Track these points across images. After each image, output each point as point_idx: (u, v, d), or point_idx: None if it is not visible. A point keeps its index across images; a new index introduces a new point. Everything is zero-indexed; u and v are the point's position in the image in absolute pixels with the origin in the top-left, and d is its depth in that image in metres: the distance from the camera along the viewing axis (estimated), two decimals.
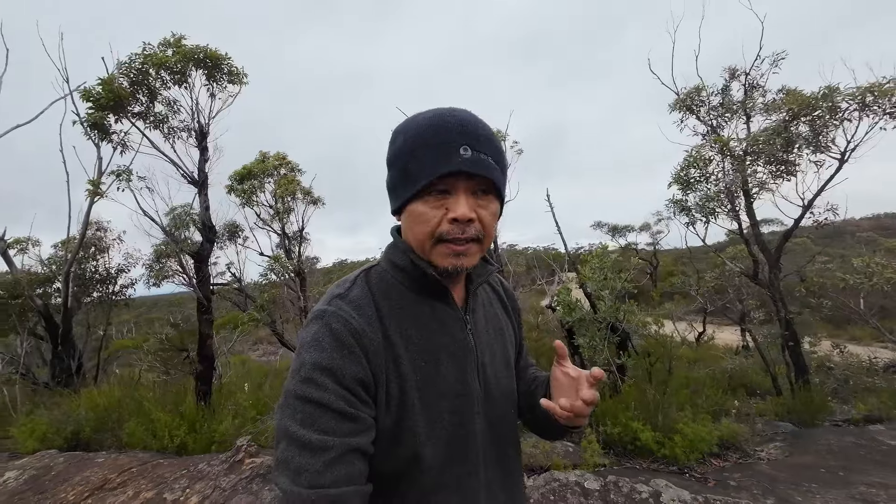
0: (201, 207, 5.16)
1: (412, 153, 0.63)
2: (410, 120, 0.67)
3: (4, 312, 7.85)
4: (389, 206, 0.71)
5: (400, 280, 0.70)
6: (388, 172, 0.69)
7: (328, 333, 0.61)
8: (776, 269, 4.53)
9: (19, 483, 3.48)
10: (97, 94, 4.51)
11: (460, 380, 0.69)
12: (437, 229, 0.63)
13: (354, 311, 0.64)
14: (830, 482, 2.71)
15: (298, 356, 0.62)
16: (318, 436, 0.56)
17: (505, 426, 0.77)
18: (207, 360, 5.19)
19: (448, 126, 0.62)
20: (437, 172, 0.60)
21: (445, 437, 0.66)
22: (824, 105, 3.51)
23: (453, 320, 0.71)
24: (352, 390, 0.59)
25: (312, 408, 0.57)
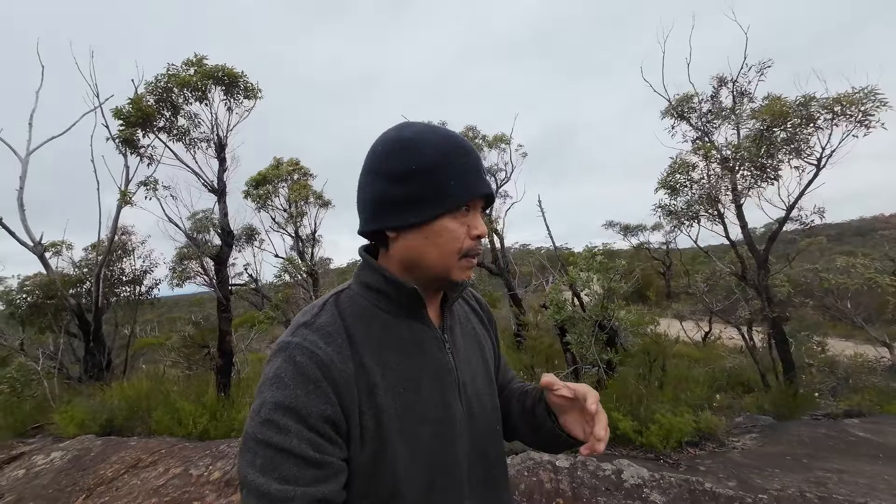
0: (220, 214, 5.58)
1: (447, 168, 0.63)
2: (428, 134, 0.65)
3: (41, 312, 8.46)
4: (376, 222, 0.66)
5: (374, 302, 0.67)
6: (408, 183, 0.63)
7: (291, 368, 0.57)
8: (764, 270, 4.70)
9: (64, 462, 3.92)
10: (127, 113, 4.96)
11: (441, 403, 0.66)
12: (464, 245, 0.64)
13: (322, 339, 0.60)
14: (792, 468, 2.92)
15: (259, 394, 0.57)
16: (279, 485, 0.52)
17: (489, 445, 0.74)
18: (226, 356, 5.60)
19: (470, 150, 0.66)
20: (476, 192, 0.64)
21: (428, 464, 0.63)
22: (802, 113, 3.68)
23: (431, 340, 0.69)
24: (318, 430, 0.55)
25: (273, 453, 0.53)
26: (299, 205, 10.03)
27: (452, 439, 0.67)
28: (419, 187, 0.63)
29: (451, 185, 0.62)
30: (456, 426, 0.67)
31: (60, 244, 9.73)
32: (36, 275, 9.01)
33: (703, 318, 10.66)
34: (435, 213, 0.63)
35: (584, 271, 4.10)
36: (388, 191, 0.64)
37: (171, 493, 2.98)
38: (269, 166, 10.49)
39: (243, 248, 10.00)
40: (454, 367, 0.70)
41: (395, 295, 0.66)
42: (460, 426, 0.68)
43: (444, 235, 0.63)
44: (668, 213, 4.53)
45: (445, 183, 0.62)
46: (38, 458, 4.08)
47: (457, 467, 0.67)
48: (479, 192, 0.64)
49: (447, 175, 0.62)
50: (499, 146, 10.03)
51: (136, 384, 5.88)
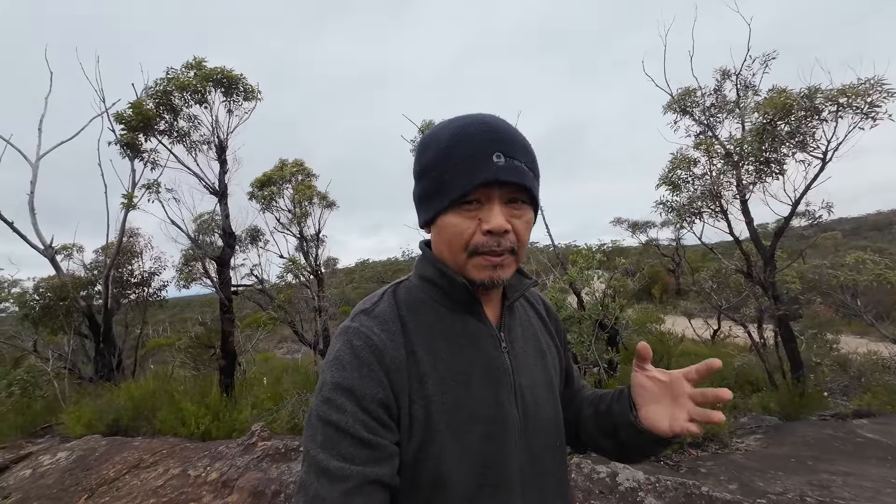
0: (222, 216, 5.62)
1: (444, 163, 0.60)
2: (440, 129, 0.64)
3: (53, 313, 8.61)
4: (418, 219, 0.68)
5: (429, 294, 0.67)
6: (417, 184, 0.66)
7: (348, 351, 0.59)
8: (770, 266, 4.59)
9: (69, 461, 3.98)
10: (128, 117, 5.02)
11: (494, 403, 0.63)
12: (472, 241, 0.60)
13: (378, 326, 0.62)
14: (796, 470, 2.85)
15: (322, 374, 0.60)
16: (337, 462, 0.53)
17: (548, 457, 0.70)
18: (230, 356, 5.65)
19: (480, 134, 0.60)
20: (472, 182, 0.58)
21: (477, 466, 0.61)
22: (806, 105, 3.57)
23: (486, 337, 0.66)
24: (372, 413, 0.56)
25: (332, 431, 0.55)
26: (303, 205, 10.09)
27: (505, 442, 0.63)
28: (427, 184, 0.63)
29: (447, 179, 0.60)
30: (509, 430, 0.64)
31: (71, 247, 9.90)
32: (51, 277, 9.19)
33: (713, 315, 10.49)
34: (437, 210, 0.62)
35: (585, 270, 4.05)
36: (414, 190, 0.67)
37: (168, 494, 3.01)
38: (274, 167, 10.57)
39: (248, 248, 10.09)
40: (510, 367, 0.67)
41: (448, 288, 0.65)
42: (514, 431, 0.64)
43: (447, 231, 0.62)
44: (669, 210, 4.45)
45: (442, 178, 0.61)
46: (44, 458, 4.16)
47: (509, 474, 0.63)
48: (477, 180, 0.58)
49: (445, 168, 0.60)
50: None
51: (143, 384, 5.96)
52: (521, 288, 0.71)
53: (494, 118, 0.63)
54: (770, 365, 4.71)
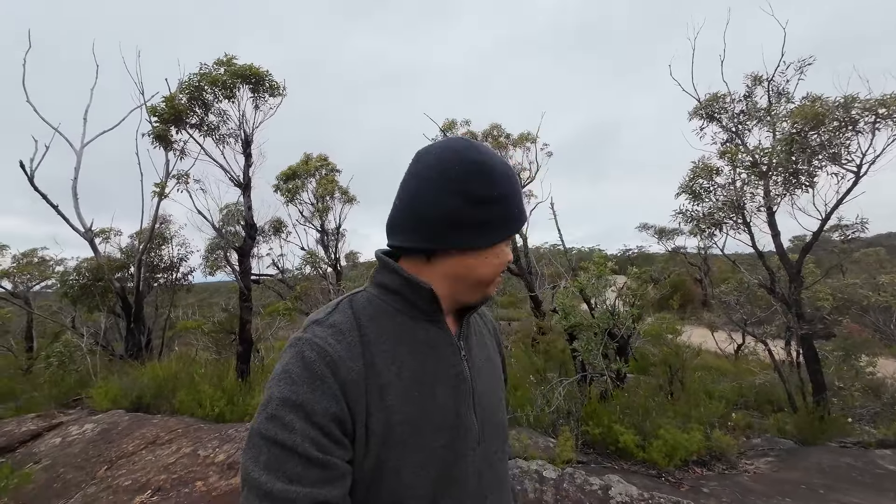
0: (245, 207, 5.82)
1: (515, 198, 0.65)
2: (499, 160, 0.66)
3: (90, 292, 9.15)
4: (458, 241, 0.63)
5: (390, 303, 0.66)
6: (487, 208, 0.63)
7: (299, 363, 0.56)
8: (796, 283, 4.38)
9: (94, 433, 4.25)
10: (161, 110, 5.26)
11: (455, 411, 0.64)
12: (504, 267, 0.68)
13: (333, 336, 0.59)
14: (805, 498, 2.72)
15: (267, 389, 0.57)
16: (282, 484, 0.51)
17: (499, 461, 0.72)
18: (247, 343, 5.86)
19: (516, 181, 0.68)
20: (524, 221, 0.68)
21: (436, 475, 0.61)
22: (840, 116, 3.38)
23: (447, 345, 0.67)
24: (323, 429, 0.54)
25: (277, 450, 0.52)
26: (325, 200, 10.32)
27: (464, 451, 0.64)
28: (495, 213, 0.63)
29: (516, 213, 0.65)
30: (468, 438, 0.65)
31: (109, 231, 10.48)
32: (89, 259, 9.76)
33: (737, 329, 10.09)
34: (499, 239, 0.65)
35: (597, 277, 3.98)
36: (464, 212, 0.62)
37: (178, 472, 3.17)
38: (299, 161, 10.86)
39: (271, 239, 10.41)
40: (468, 375, 0.68)
41: (411, 296, 0.65)
42: (474, 438, 0.66)
43: (500, 258, 0.66)
44: (689, 220, 4.30)
45: (512, 211, 0.65)
46: (72, 429, 4.44)
47: (466, 480, 0.64)
48: (525, 220, 0.68)
49: (514, 204, 0.65)
50: (524, 145, 9.88)
51: (166, 365, 6.26)
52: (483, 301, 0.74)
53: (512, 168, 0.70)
54: (791, 385, 4.51)
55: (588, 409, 3.56)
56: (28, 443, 4.34)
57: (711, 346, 11.36)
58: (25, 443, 4.33)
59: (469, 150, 0.64)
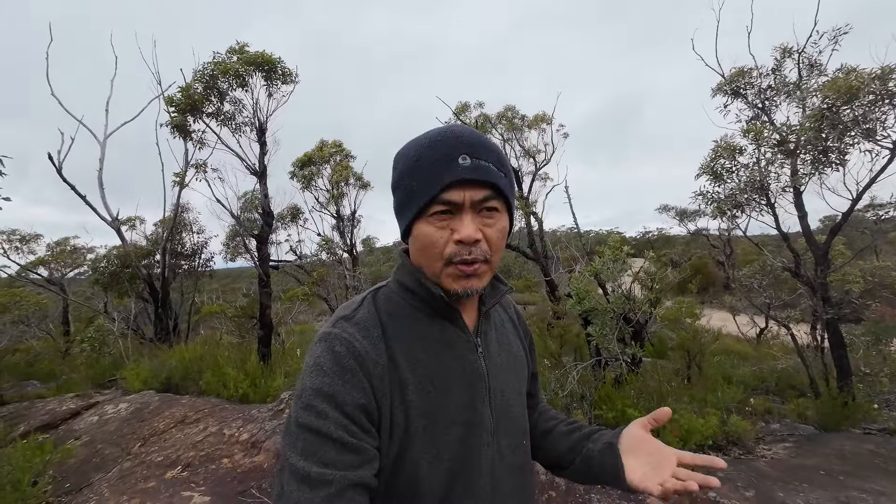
0: (261, 195, 5.92)
1: (412, 171, 0.61)
2: (412, 143, 0.65)
3: (119, 279, 9.55)
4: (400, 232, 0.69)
5: (408, 301, 0.68)
6: (394, 197, 0.67)
7: (330, 357, 0.59)
8: (822, 266, 4.22)
9: (128, 412, 4.50)
10: (178, 100, 5.34)
11: (470, 407, 0.65)
12: (445, 251, 0.61)
13: (359, 332, 0.62)
14: (823, 484, 2.69)
15: (300, 381, 0.60)
16: (318, 468, 0.53)
17: (517, 457, 0.73)
18: (267, 327, 6.04)
19: (446, 140, 0.61)
20: (438, 185, 0.58)
21: (451, 469, 0.63)
22: (877, 89, 3.16)
23: (463, 343, 0.68)
24: (353, 418, 0.57)
25: (313, 437, 0.55)
26: (340, 186, 10.39)
27: (479, 446, 0.66)
28: (400, 195, 0.64)
29: (414, 186, 0.61)
30: (483, 433, 0.66)
31: (134, 219, 10.83)
32: (117, 246, 10.15)
33: (760, 313, 9.84)
34: (409, 219, 0.63)
35: (612, 262, 3.91)
36: (393, 204, 0.67)
37: (206, 449, 3.34)
38: (314, 148, 10.91)
39: (289, 226, 10.58)
40: (485, 372, 0.69)
41: (427, 297, 0.66)
42: (488, 432, 0.67)
43: (420, 241, 0.63)
44: (710, 202, 4.16)
45: (411, 186, 0.61)
46: (108, 408, 4.71)
47: (480, 476, 0.65)
48: (438, 183, 0.58)
49: (413, 176, 0.61)
50: (539, 126, 9.66)
51: (192, 349, 6.52)
52: (496, 295, 0.73)
53: (462, 127, 0.63)
54: (813, 370, 4.39)
55: (601, 394, 3.56)
56: (69, 420, 4.63)
57: (733, 329, 11.13)
58: (66, 420, 4.62)
59: (405, 144, 0.66)
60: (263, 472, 2.92)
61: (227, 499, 2.62)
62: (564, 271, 6.36)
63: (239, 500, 2.58)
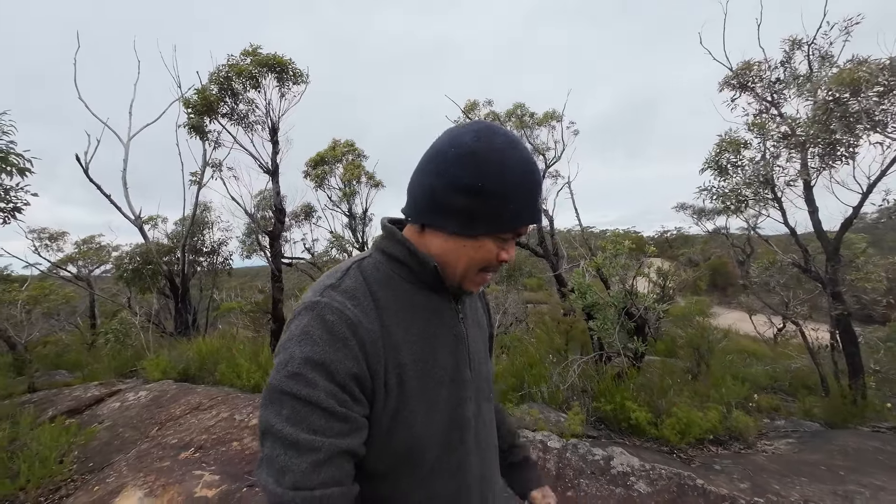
0: (273, 193, 6.11)
1: (513, 195, 0.63)
2: (500, 151, 0.63)
3: (141, 275, 9.93)
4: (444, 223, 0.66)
5: (396, 271, 0.70)
6: (470, 198, 0.63)
7: (320, 325, 0.59)
8: (834, 262, 4.13)
9: (147, 399, 4.72)
10: (195, 102, 5.56)
11: (455, 367, 0.71)
12: (489, 264, 0.68)
13: (349, 300, 0.63)
14: (822, 478, 2.67)
15: (285, 349, 0.60)
16: (306, 435, 0.55)
17: (487, 409, 0.81)
18: (279, 321, 6.23)
19: (532, 175, 0.65)
20: (525, 222, 0.65)
21: (443, 424, 0.68)
22: (886, 80, 3.09)
23: (448, 310, 0.73)
24: (344, 387, 0.58)
25: (300, 405, 0.56)
26: (352, 184, 10.57)
27: (464, 402, 0.72)
28: (478, 205, 0.63)
29: (509, 211, 0.63)
30: (467, 389, 0.73)
31: (156, 217, 11.24)
32: (140, 244, 10.57)
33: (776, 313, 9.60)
34: (484, 231, 0.65)
35: (613, 257, 3.92)
36: (447, 195, 0.64)
37: (217, 433, 3.50)
38: (327, 147, 11.13)
39: (303, 224, 10.82)
40: (465, 336, 0.75)
41: (417, 268, 0.69)
42: (469, 388, 0.74)
43: (480, 253, 0.66)
44: (714, 197, 4.12)
45: (504, 209, 0.63)
46: (129, 395, 4.95)
47: (468, 427, 0.72)
48: (530, 222, 0.66)
49: (508, 202, 0.63)
50: (549, 124, 9.64)
51: (209, 342, 6.77)
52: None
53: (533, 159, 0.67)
54: (824, 368, 4.31)
55: (602, 387, 3.58)
56: (93, 406, 4.89)
57: (750, 329, 10.88)
58: (91, 406, 4.88)
59: (476, 139, 0.63)
60: None
61: (234, 477, 2.76)
62: (568, 267, 6.37)
63: (245, 479, 2.72)
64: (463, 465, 0.71)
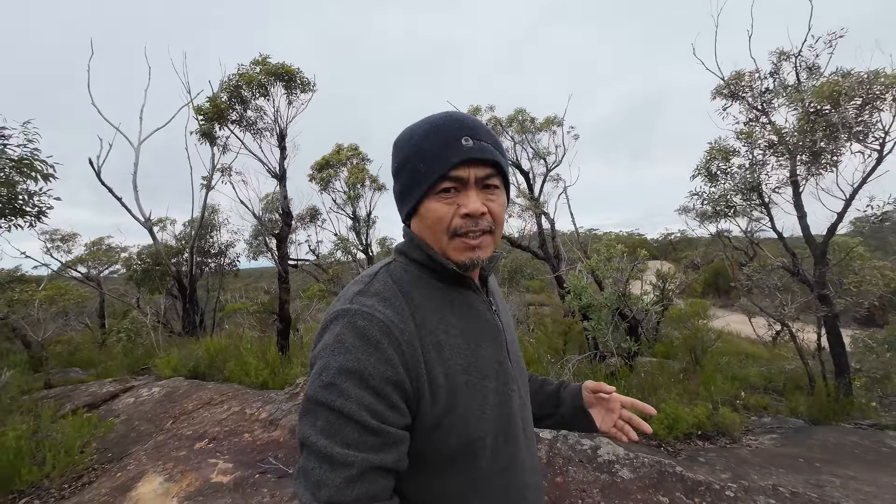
0: (280, 196, 6.32)
1: (418, 154, 0.65)
2: (412, 128, 0.68)
3: (150, 276, 10.18)
4: (401, 215, 0.72)
5: (423, 272, 0.70)
6: (397, 181, 0.70)
7: (352, 332, 0.58)
8: (821, 265, 4.29)
9: (160, 395, 4.93)
10: (206, 109, 5.79)
11: (497, 359, 0.70)
12: (451, 224, 0.65)
13: (380, 303, 0.63)
14: (799, 470, 2.83)
15: (320, 359, 0.59)
16: (340, 449, 0.54)
17: (528, 400, 0.81)
18: (286, 321, 6.43)
19: (448, 124, 0.65)
20: (447, 165, 0.62)
21: (495, 418, 0.67)
22: (860, 92, 3.25)
23: (481, 304, 0.73)
24: (380, 393, 0.56)
25: (334, 417, 0.55)
26: (356, 188, 10.79)
27: (509, 395, 0.70)
28: (405, 178, 0.67)
29: (421, 168, 0.64)
30: (510, 382, 0.72)
31: (165, 220, 11.49)
32: (149, 245, 10.82)
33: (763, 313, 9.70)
34: (416, 199, 0.66)
35: (604, 260, 4.09)
36: (394, 188, 0.72)
37: (229, 425, 3.70)
38: (332, 151, 11.36)
39: (308, 226, 11.04)
40: (502, 328, 0.75)
41: (440, 269, 0.69)
42: (513, 382, 0.73)
43: (429, 217, 0.65)
44: (706, 202, 4.28)
45: (417, 168, 0.65)
46: (143, 391, 5.16)
47: (514, 420, 0.71)
48: (450, 162, 0.63)
49: (419, 160, 0.65)
50: (550, 129, 9.82)
51: (217, 341, 6.99)
52: (494, 261, 0.75)
53: (460, 112, 0.69)
54: (812, 368, 4.46)
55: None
56: (108, 401, 5.11)
57: (751, 332, 10.98)
58: (106, 401, 5.10)
59: (404, 130, 0.71)
60: (280, 445, 3.25)
61: (247, 465, 2.95)
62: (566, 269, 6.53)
63: (257, 466, 2.91)
64: (515, 460, 0.70)
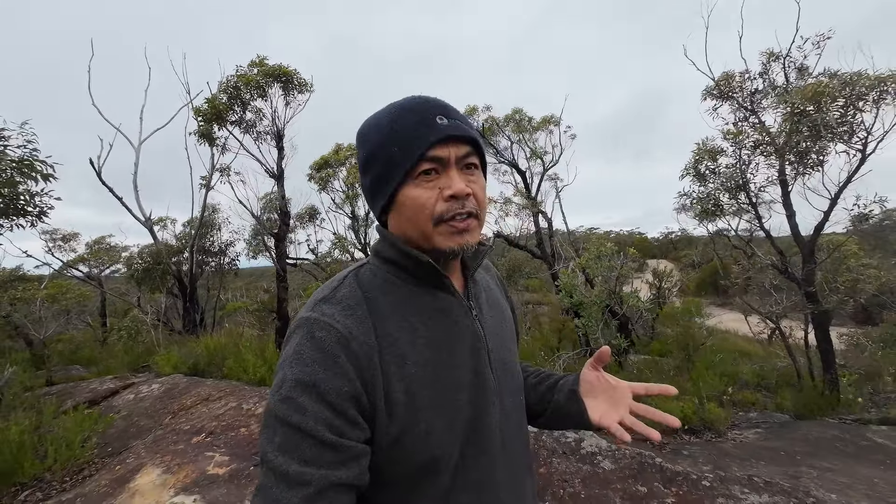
0: (279, 196, 6.41)
1: (391, 138, 0.60)
2: (377, 116, 0.64)
3: (151, 275, 10.27)
4: (373, 210, 0.68)
5: (394, 273, 0.65)
6: (366, 174, 0.65)
7: (310, 343, 0.56)
8: (810, 264, 4.36)
9: (160, 391, 5.02)
10: (205, 111, 5.88)
11: (473, 369, 0.65)
12: (436, 210, 0.60)
13: (341, 312, 0.60)
14: (779, 462, 2.90)
15: (280, 370, 0.57)
16: (297, 467, 0.52)
17: (516, 413, 0.74)
18: (284, 319, 6.53)
19: (418, 105, 0.62)
20: (425, 143, 0.58)
21: (464, 432, 0.62)
22: (845, 93, 3.32)
23: (457, 307, 0.67)
24: (337, 409, 0.54)
25: (291, 432, 0.53)
26: (355, 187, 10.87)
27: (486, 406, 0.65)
28: (377, 168, 0.62)
29: (396, 151, 0.60)
30: (489, 393, 0.66)
31: (166, 219, 11.58)
32: (150, 245, 10.91)
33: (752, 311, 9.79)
34: (393, 188, 0.61)
35: (595, 258, 4.17)
36: (364, 182, 0.67)
37: (227, 420, 3.78)
38: (331, 151, 11.44)
39: (307, 226, 11.13)
40: (482, 334, 0.68)
41: (412, 267, 0.64)
42: (492, 394, 0.67)
43: (409, 206, 0.61)
44: (695, 201, 4.35)
45: (391, 153, 0.60)
46: (143, 388, 5.26)
47: (491, 436, 0.65)
48: (427, 142, 0.59)
49: (393, 143, 0.60)
50: (546, 128, 9.89)
51: (216, 339, 7.08)
52: (479, 256, 0.71)
53: (426, 95, 0.64)
54: (799, 365, 4.53)
55: None
56: (109, 398, 5.20)
57: (746, 331, 11.07)
58: (107, 398, 5.19)
59: (367, 119, 0.67)
60: None
61: (243, 458, 3.04)
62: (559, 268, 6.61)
63: (252, 459, 2.99)
64: (486, 476, 0.65)
